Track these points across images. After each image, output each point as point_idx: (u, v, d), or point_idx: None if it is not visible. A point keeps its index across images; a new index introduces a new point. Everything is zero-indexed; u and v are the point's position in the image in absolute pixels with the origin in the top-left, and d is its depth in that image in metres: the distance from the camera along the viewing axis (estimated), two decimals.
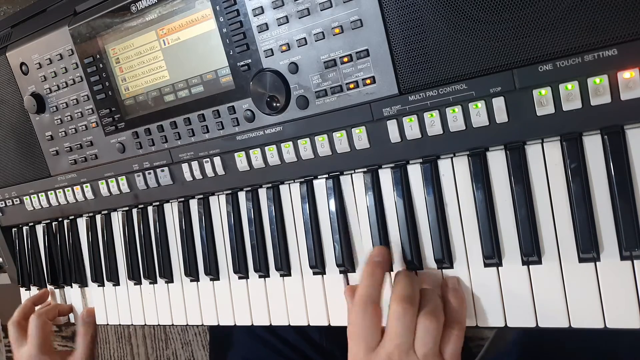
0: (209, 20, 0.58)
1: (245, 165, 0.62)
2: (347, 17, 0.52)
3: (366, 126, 0.54)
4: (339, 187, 0.58)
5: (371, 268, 0.53)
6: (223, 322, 0.67)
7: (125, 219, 0.74)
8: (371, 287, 0.52)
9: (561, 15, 0.44)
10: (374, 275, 0.53)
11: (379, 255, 0.54)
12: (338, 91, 0.54)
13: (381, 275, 0.53)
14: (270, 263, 0.63)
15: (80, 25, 0.66)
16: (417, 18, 0.49)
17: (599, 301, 0.46)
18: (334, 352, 0.78)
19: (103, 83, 0.68)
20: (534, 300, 0.49)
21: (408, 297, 0.50)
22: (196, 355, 1.27)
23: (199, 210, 0.67)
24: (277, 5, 0.54)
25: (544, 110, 0.46)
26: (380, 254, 0.54)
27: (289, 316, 0.62)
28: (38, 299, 0.82)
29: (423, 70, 0.50)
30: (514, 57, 0.46)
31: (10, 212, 0.85)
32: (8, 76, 0.75)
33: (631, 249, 0.44)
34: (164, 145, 0.67)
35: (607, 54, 0.43)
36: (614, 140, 0.45)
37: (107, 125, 0.70)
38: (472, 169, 0.50)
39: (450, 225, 0.52)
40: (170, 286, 0.71)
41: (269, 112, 0.58)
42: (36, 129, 0.76)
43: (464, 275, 0.52)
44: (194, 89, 0.62)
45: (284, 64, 0.56)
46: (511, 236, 0.50)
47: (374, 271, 0.53)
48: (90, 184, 0.75)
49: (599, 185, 0.46)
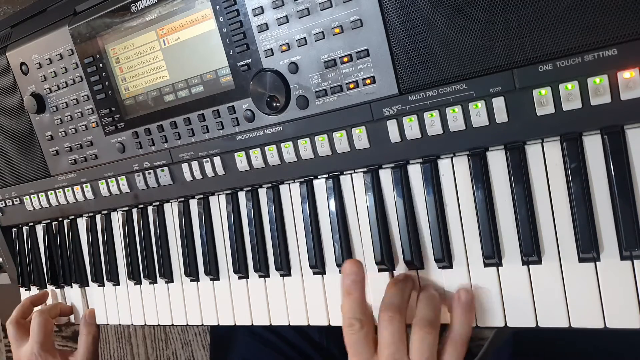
0: (209, 20, 0.58)
1: (245, 165, 0.62)
2: (347, 17, 0.52)
3: (366, 126, 0.54)
4: (339, 187, 0.58)
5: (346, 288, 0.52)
6: (223, 322, 0.67)
7: (125, 219, 0.74)
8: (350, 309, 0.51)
9: (561, 15, 0.44)
10: (350, 296, 0.52)
11: (350, 274, 0.52)
12: (338, 91, 0.54)
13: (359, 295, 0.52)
14: (270, 263, 0.63)
15: (80, 25, 0.66)
16: (417, 18, 0.49)
17: (599, 301, 0.46)
18: (334, 351, 0.78)
19: (103, 83, 0.68)
20: (534, 300, 0.49)
21: (394, 305, 0.50)
22: (196, 355, 1.27)
23: (199, 210, 0.67)
24: (277, 5, 0.54)
25: (544, 110, 0.46)
26: (352, 271, 0.52)
27: (289, 316, 0.62)
28: (37, 300, 0.82)
29: (423, 70, 0.50)
30: (514, 57, 0.46)
31: (10, 212, 0.85)
32: (8, 76, 0.75)
33: (631, 249, 0.44)
34: (164, 145, 0.67)
35: (607, 54, 0.43)
36: (614, 140, 0.45)
37: (107, 125, 0.70)
38: (472, 169, 0.50)
39: (450, 225, 0.52)
40: (170, 286, 0.71)
41: (269, 112, 0.58)
42: (36, 129, 0.76)
43: (463, 275, 0.52)
44: (194, 89, 0.62)
45: (284, 64, 0.56)
46: (511, 236, 0.50)
47: (350, 291, 0.52)
48: (90, 184, 0.75)
49: (599, 185, 0.46)
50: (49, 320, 0.77)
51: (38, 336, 0.74)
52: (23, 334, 0.77)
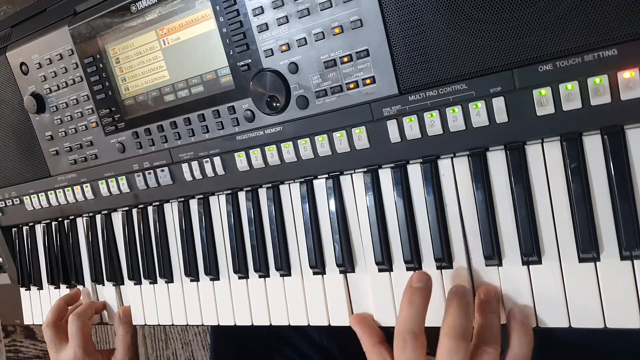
0: (209, 20, 0.58)
1: (245, 165, 0.62)
2: (347, 17, 0.52)
3: (366, 126, 0.54)
4: (339, 187, 0.58)
5: (409, 296, 0.48)
6: (223, 322, 0.67)
7: (125, 219, 0.74)
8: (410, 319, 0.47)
9: (561, 15, 0.44)
10: (412, 304, 0.47)
11: (419, 281, 0.48)
12: (338, 91, 0.54)
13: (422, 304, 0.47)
14: (270, 263, 0.63)
15: (80, 25, 0.66)
16: (417, 18, 0.49)
17: (599, 301, 0.46)
18: (333, 351, 0.79)
19: (103, 83, 0.68)
20: (534, 300, 0.49)
21: (462, 332, 0.45)
22: (196, 355, 1.27)
23: (199, 210, 0.67)
24: (277, 5, 0.54)
25: (544, 110, 0.46)
26: (420, 279, 0.49)
27: (289, 316, 0.62)
28: (70, 299, 0.79)
29: (423, 70, 0.50)
30: (514, 57, 0.46)
31: (10, 212, 0.85)
32: (8, 76, 0.75)
33: (631, 249, 0.44)
34: (164, 145, 0.67)
35: (607, 54, 0.43)
36: (614, 140, 0.45)
37: (107, 125, 0.70)
38: (472, 169, 0.50)
39: (450, 225, 0.52)
40: (170, 286, 0.71)
41: (269, 112, 0.58)
42: (36, 129, 0.76)
43: (463, 275, 0.52)
44: (194, 89, 0.62)
45: (284, 64, 0.56)
46: (511, 236, 0.50)
47: (413, 299, 0.47)
48: (90, 184, 0.75)
49: (599, 185, 0.46)
50: (87, 323, 0.74)
51: (79, 340, 0.72)
52: (62, 338, 0.75)
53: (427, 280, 0.49)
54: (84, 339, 0.73)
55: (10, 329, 1.61)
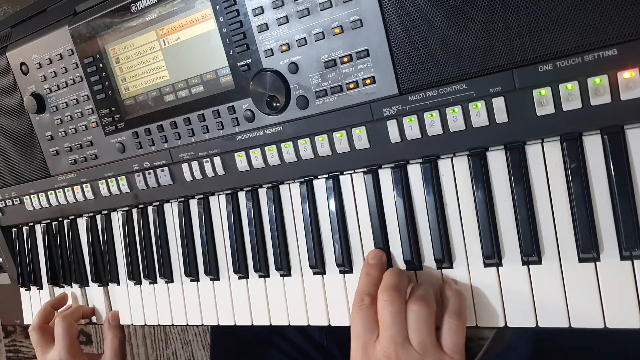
0: (209, 20, 0.58)
1: (245, 165, 0.62)
2: (347, 17, 0.52)
3: (366, 126, 0.54)
4: (338, 187, 0.58)
5: (366, 269, 0.54)
6: (223, 322, 0.67)
7: (125, 219, 0.74)
8: (366, 285, 0.52)
9: (561, 15, 0.44)
10: (369, 275, 0.53)
11: (374, 258, 0.55)
12: (338, 91, 0.54)
13: (377, 276, 0.53)
14: (270, 263, 0.63)
15: (80, 25, 0.66)
16: (417, 18, 0.49)
17: (599, 301, 0.46)
18: (333, 351, 0.79)
19: (103, 83, 0.68)
20: (534, 300, 0.49)
21: (393, 285, 0.50)
22: (196, 355, 1.27)
23: (199, 210, 0.67)
24: (277, 5, 0.54)
25: (544, 110, 0.46)
26: (375, 256, 0.55)
27: (289, 316, 0.62)
28: (57, 302, 0.80)
29: (423, 70, 0.50)
30: (514, 57, 0.46)
31: (10, 212, 0.85)
32: (8, 76, 0.75)
33: (631, 249, 0.44)
34: (164, 145, 0.67)
35: (607, 54, 0.43)
36: (614, 140, 0.45)
37: (107, 125, 0.70)
38: (472, 169, 0.50)
39: (450, 225, 0.52)
40: (170, 286, 0.71)
41: (269, 112, 0.58)
42: (36, 129, 0.76)
43: (463, 275, 0.52)
44: (194, 89, 0.62)
45: (284, 64, 0.56)
46: (511, 236, 0.50)
47: (369, 272, 0.53)
48: (90, 184, 0.75)
49: (599, 185, 0.46)
50: (73, 325, 0.75)
51: (64, 342, 0.73)
52: (48, 340, 0.75)
53: (381, 257, 0.55)
54: (69, 340, 0.73)
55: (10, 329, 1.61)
